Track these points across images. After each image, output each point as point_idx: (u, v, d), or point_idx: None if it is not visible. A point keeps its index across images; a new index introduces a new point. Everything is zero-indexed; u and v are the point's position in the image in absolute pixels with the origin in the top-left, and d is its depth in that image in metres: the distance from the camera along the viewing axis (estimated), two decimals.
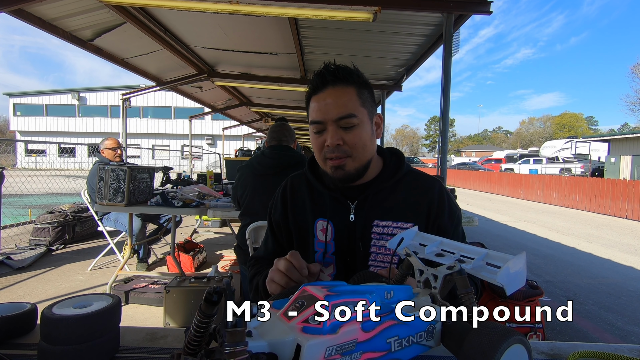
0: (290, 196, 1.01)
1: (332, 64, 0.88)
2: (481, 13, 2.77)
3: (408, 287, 0.56)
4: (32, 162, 16.64)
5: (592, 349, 0.65)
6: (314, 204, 0.97)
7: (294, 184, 1.03)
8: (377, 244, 0.90)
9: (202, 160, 19.84)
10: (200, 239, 5.01)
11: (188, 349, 0.44)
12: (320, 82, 0.86)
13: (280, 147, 2.12)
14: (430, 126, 62.96)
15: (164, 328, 1.11)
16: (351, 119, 0.84)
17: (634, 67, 30.59)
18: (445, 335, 0.53)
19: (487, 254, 0.57)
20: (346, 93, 0.85)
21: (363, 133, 0.86)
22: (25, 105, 29.09)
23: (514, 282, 0.52)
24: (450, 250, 0.62)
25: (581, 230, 7.02)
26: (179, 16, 3.55)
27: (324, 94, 0.86)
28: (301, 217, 0.98)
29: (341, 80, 0.85)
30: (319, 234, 0.94)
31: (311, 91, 0.89)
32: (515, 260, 0.52)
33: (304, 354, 0.41)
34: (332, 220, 0.93)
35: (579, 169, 19.58)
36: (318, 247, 0.94)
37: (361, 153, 0.87)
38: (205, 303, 0.41)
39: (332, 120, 0.84)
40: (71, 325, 0.54)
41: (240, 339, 0.38)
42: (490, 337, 0.46)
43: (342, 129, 0.85)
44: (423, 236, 0.68)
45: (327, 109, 0.84)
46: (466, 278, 0.53)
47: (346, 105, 0.84)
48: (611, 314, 2.99)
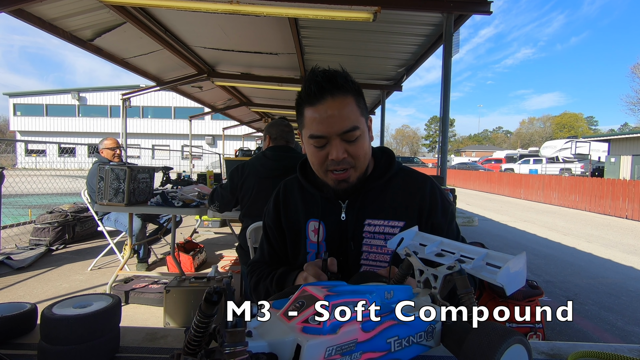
0: (282, 200, 1.01)
1: (326, 71, 0.83)
2: (481, 13, 2.78)
3: (408, 287, 0.56)
4: (32, 162, 16.63)
5: (592, 349, 0.65)
6: (305, 205, 0.97)
7: (287, 187, 1.03)
8: (369, 242, 0.90)
9: (202, 160, 19.84)
10: (200, 239, 5.01)
11: (188, 349, 0.44)
12: (318, 92, 0.81)
13: (282, 148, 2.09)
14: (430, 126, 62.96)
15: (164, 328, 1.11)
16: (355, 132, 0.82)
17: (634, 67, 30.62)
18: (445, 335, 0.53)
19: (487, 254, 0.57)
20: (347, 104, 0.82)
21: (365, 143, 0.86)
22: (25, 105, 29.09)
23: (514, 282, 0.52)
24: (450, 250, 0.62)
25: (581, 230, 7.02)
26: (179, 16, 3.56)
27: (324, 106, 0.81)
28: (293, 219, 0.98)
29: (340, 89, 0.81)
30: (310, 234, 0.94)
31: (305, 100, 0.84)
32: (515, 261, 0.52)
33: (304, 354, 0.41)
34: (324, 220, 0.93)
35: (579, 169, 19.58)
36: (310, 248, 0.94)
37: (363, 162, 0.87)
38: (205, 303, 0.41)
39: (336, 134, 0.82)
40: (71, 325, 0.54)
41: (240, 339, 0.38)
42: (490, 338, 0.46)
43: (346, 142, 0.83)
44: (423, 236, 0.68)
45: (330, 122, 0.81)
46: (466, 278, 0.53)
47: (349, 118, 0.81)
48: (611, 314, 2.99)
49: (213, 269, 2.70)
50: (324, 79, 0.81)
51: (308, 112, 0.84)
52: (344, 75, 0.84)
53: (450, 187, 2.43)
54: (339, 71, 0.84)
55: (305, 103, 0.84)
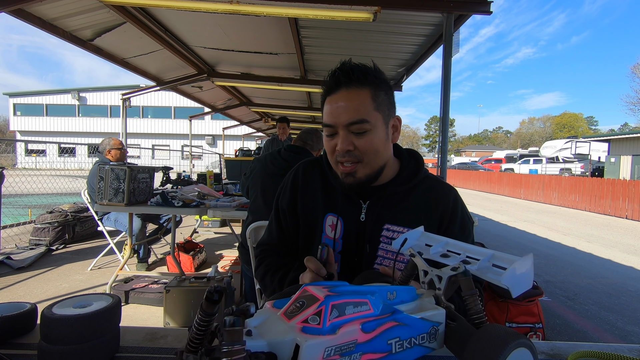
0: (302, 184, 0.98)
1: (348, 63, 0.83)
2: (481, 13, 2.77)
3: (411, 287, 0.56)
4: (32, 162, 16.63)
5: (592, 349, 0.65)
6: (326, 196, 0.94)
7: (307, 171, 0.99)
8: (385, 247, 0.88)
9: (202, 160, 19.84)
10: (200, 239, 5.01)
11: (190, 347, 0.45)
12: (334, 83, 0.83)
13: (296, 149, 2.02)
14: (430, 126, 62.95)
15: (164, 328, 1.11)
16: (363, 125, 0.80)
17: (634, 67, 30.61)
18: (448, 337, 0.52)
19: (493, 255, 0.56)
20: (359, 96, 0.81)
21: (375, 139, 0.83)
22: (25, 105, 29.09)
23: (520, 284, 0.51)
24: (456, 251, 0.61)
25: (581, 230, 7.02)
26: (179, 16, 3.55)
27: (337, 96, 0.82)
28: (311, 209, 0.95)
29: (355, 81, 0.81)
30: (327, 229, 0.91)
31: (325, 92, 0.86)
32: (521, 262, 0.51)
33: (302, 354, 0.41)
34: (343, 216, 0.90)
35: (579, 169, 19.58)
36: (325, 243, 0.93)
37: (372, 159, 0.84)
38: (207, 302, 0.43)
39: (343, 125, 0.81)
40: (71, 325, 0.54)
41: (237, 338, 0.38)
42: (493, 341, 0.45)
43: (354, 134, 0.81)
44: (428, 236, 0.67)
45: (338, 112, 0.81)
46: (471, 279, 0.52)
47: (358, 109, 0.80)
48: (611, 314, 2.99)
49: (213, 269, 2.70)
50: (342, 72, 0.82)
51: (326, 104, 0.85)
52: (364, 68, 0.82)
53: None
54: (361, 64, 0.83)
55: (325, 94, 0.86)
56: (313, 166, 1.00)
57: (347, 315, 0.45)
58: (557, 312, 2.98)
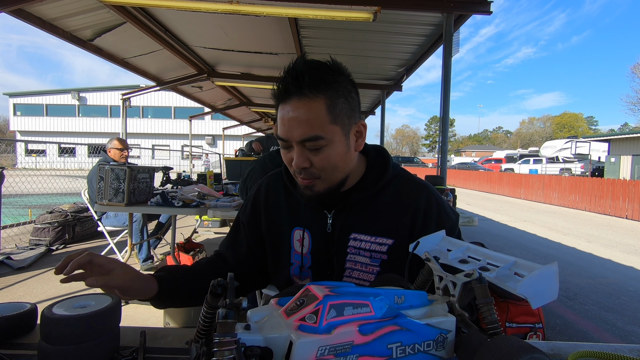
0: (264, 202, 0.92)
1: (299, 65, 0.72)
2: (481, 13, 2.78)
3: (423, 293, 0.54)
4: (32, 162, 16.63)
5: (592, 349, 0.65)
6: (290, 210, 0.88)
7: (269, 185, 0.94)
8: (353, 258, 0.82)
9: (202, 160, 19.85)
10: (200, 239, 5.01)
11: (198, 337, 0.50)
12: (284, 90, 0.73)
13: None
14: (430, 126, 62.96)
15: (164, 328, 1.11)
16: (317, 142, 0.72)
17: (634, 67, 30.64)
18: (458, 346, 0.50)
19: (515, 263, 0.53)
20: (312, 108, 0.71)
21: (332, 154, 0.75)
22: (25, 105, 29.09)
23: (541, 295, 0.47)
24: (476, 257, 0.58)
25: (581, 230, 7.02)
26: (179, 16, 3.56)
27: (288, 106, 0.72)
28: (277, 225, 0.89)
29: (307, 88, 0.70)
30: (295, 244, 0.86)
31: (274, 95, 0.76)
32: (542, 270, 0.48)
33: (295, 351, 0.41)
34: (310, 229, 0.85)
35: (579, 169, 19.59)
36: (294, 259, 0.87)
37: (330, 175, 0.77)
38: (211, 295, 0.48)
39: (296, 140, 0.73)
40: (71, 325, 0.54)
41: (229, 329, 0.40)
42: (503, 352, 0.43)
43: (309, 150, 0.74)
44: (450, 241, 0.65)
45: (290, 126, 0.72)
46: (486, 287, 0.49)
47: (311, 125, 0.71)
48: (611, 314, 2.98)
49: None
50: (292, 77, 0.71)
51: (279, 110, 0.76)
52: (319, 74, 0.72)
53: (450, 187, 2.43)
54: (316, 65, 0.73)
55: (274, 98, 0.77)
56: (276, 181, 0.94)
57: (345, 316, 0.45)
58: (557, 312, 2.98)
